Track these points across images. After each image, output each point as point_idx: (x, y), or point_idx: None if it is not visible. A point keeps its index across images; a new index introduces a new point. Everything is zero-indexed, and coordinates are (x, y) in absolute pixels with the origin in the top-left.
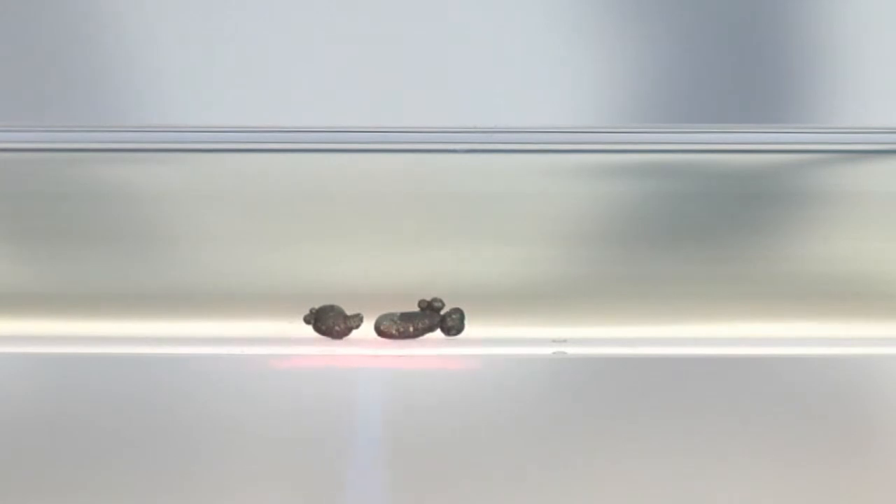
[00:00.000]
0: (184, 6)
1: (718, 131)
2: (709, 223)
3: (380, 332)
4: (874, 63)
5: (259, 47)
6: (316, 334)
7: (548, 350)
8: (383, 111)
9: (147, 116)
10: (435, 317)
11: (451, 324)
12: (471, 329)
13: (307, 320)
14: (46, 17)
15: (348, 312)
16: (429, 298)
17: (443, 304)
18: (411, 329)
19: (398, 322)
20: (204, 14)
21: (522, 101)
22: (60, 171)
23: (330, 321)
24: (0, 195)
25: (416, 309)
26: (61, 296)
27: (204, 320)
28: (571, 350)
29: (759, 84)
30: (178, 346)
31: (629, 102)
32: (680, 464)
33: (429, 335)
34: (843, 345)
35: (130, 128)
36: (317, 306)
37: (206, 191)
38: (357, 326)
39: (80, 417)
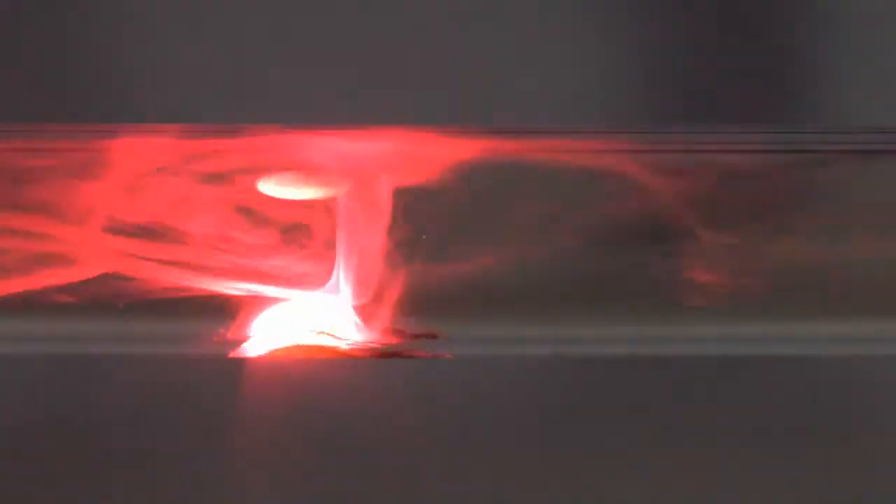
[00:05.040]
0: (184, 5)
1: (718, 131)
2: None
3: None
4: (874, 63)
5: (259, 47)
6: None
7: (547, 350)
8: (383, 111)
9: (147, 116)
10: None
11: None
12: (471, 329)
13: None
14: (46, 17)
15: None
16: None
17: None
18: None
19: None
20: (204, 13)
21: (522, 101)
22: None
23: None
24: None
25: None
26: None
27: (204, 320)
28: (571, 350)
29: (760, 84)
30: (178, 346)
31: (629, 102)
32: (680, 464)
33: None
34: (843, 345)
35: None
36: None
37: None
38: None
39: (80, 417)
